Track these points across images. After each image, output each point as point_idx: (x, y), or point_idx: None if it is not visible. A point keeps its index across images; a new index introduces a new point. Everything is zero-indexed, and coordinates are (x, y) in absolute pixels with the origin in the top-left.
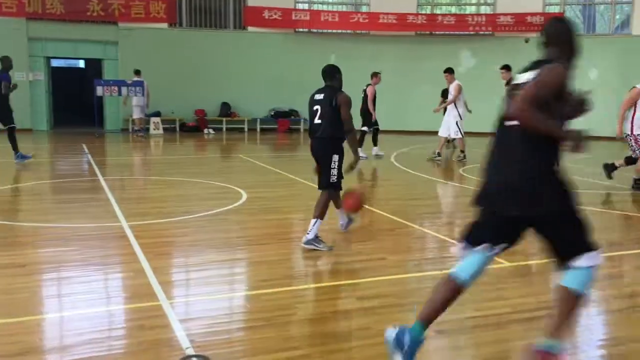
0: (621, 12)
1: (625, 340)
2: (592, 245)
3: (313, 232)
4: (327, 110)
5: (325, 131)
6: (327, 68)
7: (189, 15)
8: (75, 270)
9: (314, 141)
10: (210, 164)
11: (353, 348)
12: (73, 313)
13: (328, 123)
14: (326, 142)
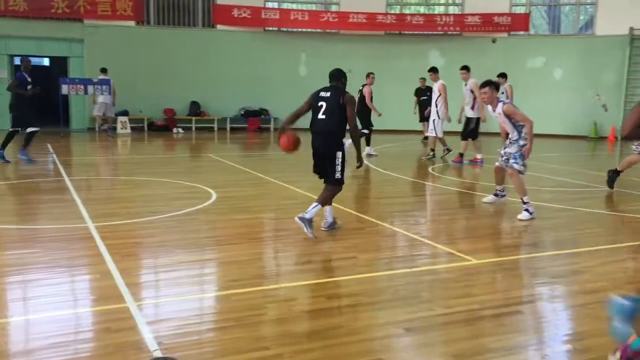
0: (585, 13)
1: (589, 335)
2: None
3: (311, 214)
4: (334, 108)
5: (330, 127)
6: (334, 71)
7: (157, 13)
8: (40, 272)
9: (318, 136)
10: (179, 164)
11: (324, 347)
12: (38, 316)
13: (334, 120)
14: (330, 139)
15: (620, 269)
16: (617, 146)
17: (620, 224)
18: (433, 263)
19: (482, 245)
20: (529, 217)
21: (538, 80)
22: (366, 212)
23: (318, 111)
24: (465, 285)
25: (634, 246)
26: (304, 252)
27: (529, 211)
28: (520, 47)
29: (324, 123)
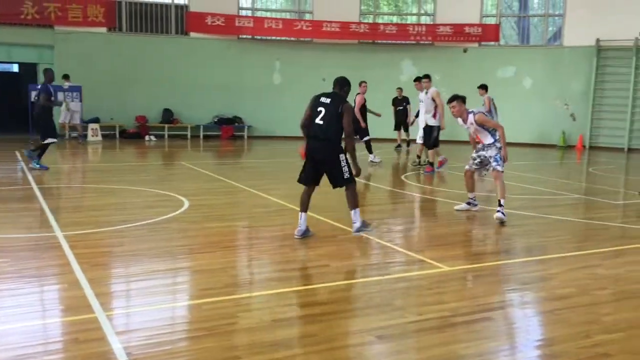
0: (553, 24)
1: (558, 341)
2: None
3: (359, 220)
4: (333, 115)
5: (327, 133)
6: (339, 78)
7: (129, 20)
8: (6, 282)
9: (315, 141)
10: (151, 172)
11: (296, 356)
12: (4, 327)
13: (332, 127)
14: (330, 146)
15: (588, 275)
16: (585, 154)
17: (588, 231)
18: (405, 270)
19: (453, 252)
20: (502, 218)
21: (508, 89)
22: (340, 220)
23: (316, 116)
24: (437, 293)
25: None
26: (277, 260)
27: (504, 214)
28: (490, 57)
29: (321, 129)
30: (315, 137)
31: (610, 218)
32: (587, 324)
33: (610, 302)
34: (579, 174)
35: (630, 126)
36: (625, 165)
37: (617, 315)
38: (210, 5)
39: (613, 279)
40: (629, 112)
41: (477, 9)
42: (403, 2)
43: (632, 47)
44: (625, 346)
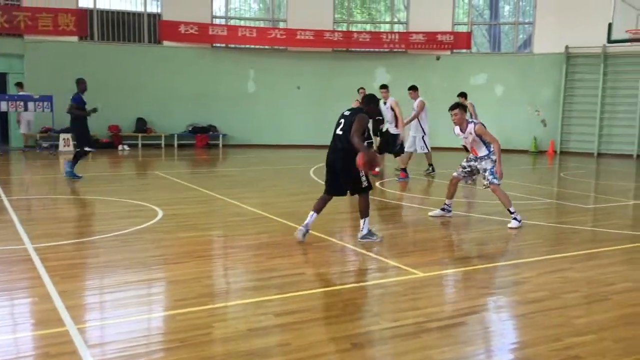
0: (524, 31)
1: (530, 344)
2: None
3: (366, 228)
4: (349, 125)
5: (344, 143)
6: (368, 95)
7: (101, 29)
8: None
9: (333, 153)
10: (125, 182)
11: None
12: None
13: (347, 137)
14: (345, 155)
15: (560, 279)
16: (556, 159)
17: (560, 235)
18: (380, 277)
19: (428, 258)
20: (517, 225)
21: (480, 96)
22: (315, 228)
23: (337, 128)
24: (412, 299)
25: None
26: (252, 270)
27: (517, 219)
28: (463, 64)
29: (340, 139)
30: (334, 148)
31: (581, 222)
32: (559, 327)
33: (581, 305)
34: (551, 178)
35: (599, 131)
36: (595, 170)
37: (588, 318)
38: (183, 13)
39: (584, 282)
40: (597, 118)
41: (449, 17)
42: (376, 11)
43: (600, 54)
44: (595, 348)
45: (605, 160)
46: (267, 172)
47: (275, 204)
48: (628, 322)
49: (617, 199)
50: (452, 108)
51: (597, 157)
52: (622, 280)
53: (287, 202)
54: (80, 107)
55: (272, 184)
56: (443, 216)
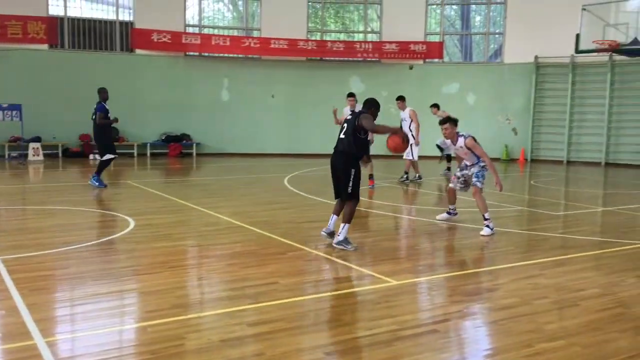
0: (494, 41)
1: (501, 350)
2: None
3: (343, 235)
4: (351, 128)
5: (346, 146)
6: (369, 98)
7: (72, 37)
8: None
9: (335, 155)
10: (96, 191)
11: None
12: None
13: (349, 139)
14: (345, 157)
15: (530, 285)
16: (527, 167)
17: (530, 242)
18: (354, 286)
19: (402, 266)
20: (489, 233)
21: (453, 105)
22: (289, 237)
23: (341, 131)
24: (385, 307)
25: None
26: (225, 280)
27: (490, 227)
28: (435, 73)
29: (342, 142)
30: (335, 151)
31: (551, 229)
32: (530, 333)
33: (551, 311)
34: (522, 186)
35: (569, 139)
36: (564, 178)
37: (558, 324)
38: (156, 22)
39: (554, 288)
40: (566, 126)
41: (422, 27)
42: (350, 20)
43: (569, 64)
44: (565, 354)
45: (575, 168)
46: (241, 181)
47: (250, 213)
48: (596, 327)
49: (586, 206)
50: (443, 122)
51: (566, 165)
52: (590, 286)
53: (261, 211)
54: (104, 116)
55: (246, 193)
56: (449, 219)
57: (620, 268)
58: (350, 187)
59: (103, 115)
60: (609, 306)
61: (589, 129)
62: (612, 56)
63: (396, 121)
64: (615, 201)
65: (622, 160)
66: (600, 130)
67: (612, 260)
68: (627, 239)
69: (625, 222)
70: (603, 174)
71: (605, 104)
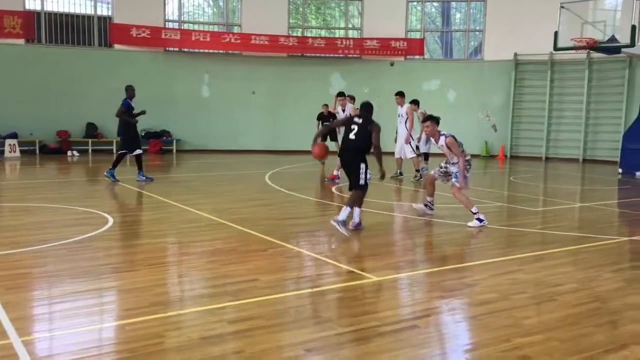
0: (475, 39)
1: (480, 345)
2: None
3: (343, 216)
4: (363, 132)
5: (358, 145)
6: (366, 104)
7: (49, 32)
8: None
9: (347, 154)
10: (74, 188)
11: None
12: None
13: (361, 141)
14: (357, 155)
15: (509, 281)
16: (507, 164)
17: (510, 238)
18: (335, 282)
19: (382, 262)
20: (479, 225)
21: (433, 101)
22: (270, 234)
23: (350, 132)
24: (366, 303)
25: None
26: (205, 277)
27: (480, 219)
28: (416, 70)
29: (353, 143)
30: (349, 150)
31: (530, 224)
32: (508, 328)
33: (529, 305)
34: (501, 182)
35: (547, 136)
36: (543, 174)
37: (536, 318)
38: (135, 17)
39: (532, 283)
40: (545, 123)
41: (403, 23)
42: (331, 17)
43: (547, 61)
44: (543, 348)
45: (553, 164)
46: (221, 177)
47: (230, 210)
48: (573, 321)
49: (565, 202)
50: (424, 120)
51: (545, 161)
52: (568, 281)
53: (242, 208)
54: (129, 112)
55: (227, 190)
56: (426, 213)
57: (597, 263)
58: (362, 179)
59: (124, 110)
60: (585, 301)
61: (567, 126)
62: (589, 54)
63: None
64: (593, 197)
65: (600, 156)
66: (578, 127)
67: (589, 255)
68: (604, 234)
69: (602, 218)
70: (581, 170)
71: (583, 101)
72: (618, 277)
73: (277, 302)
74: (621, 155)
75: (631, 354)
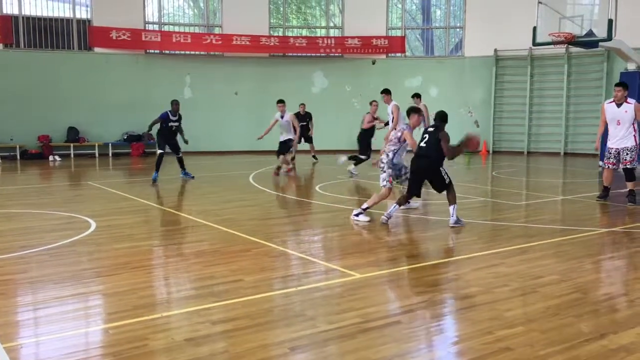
0: (455, 35)
1: (463, 339)
2: None
3: (455, 215)
4: (433, 139)
5: (430, 153)
6: (440, 113)
7: (28, 36)
8: None
9: (420, 160)
10: (56, 193)
11: None
12: None
13: (433, 149)
14: (432, 161)
15: (491, 274)
16: (489, 159)
17: (492, 232)
18: (318, 280)
19: (365, 259)
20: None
21: None
22: (254, 234)
23: (422, 141)
24: (349, 300)
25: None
26: (189, 278)
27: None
28: (398, 67)
29: (425, 150)
30: (420, 156)
31: (513, 218)
32: (490, 321)
33: (511, 298)
34: (484, 177)
35: (529, 130)
36: (525, 168)
37: (517, 311)
38: (114, 19)
39: (514, 276)
40: (526, 118)
41: (383, 21)
42: (312, 16)
43: (527, 56)
44: (524, 339)
45: (535, 158)
46: (205, 179)
47: (214, 211)
48: (554, 312)
49: (547, 195)
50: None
51: (527, 156)
52: (549, 273)
53: (226, 208)
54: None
55: (211, 191)
56: (409, 207)
57: (578, 254)
58: (446, 179)
59: (157, 120)
60: (567, 292)
61: (548, 120)
62: (568, 48)
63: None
64: (574, 190)
65: (580, 149)
66: (559, 121)
67: (570, 247)
68: (584, 226)
69: (584, 210)
70: (562, 163)
71: (563, 95)
72: (598, 268)
73: (262, 302)
74: (601, 148)
75: (610, 342)
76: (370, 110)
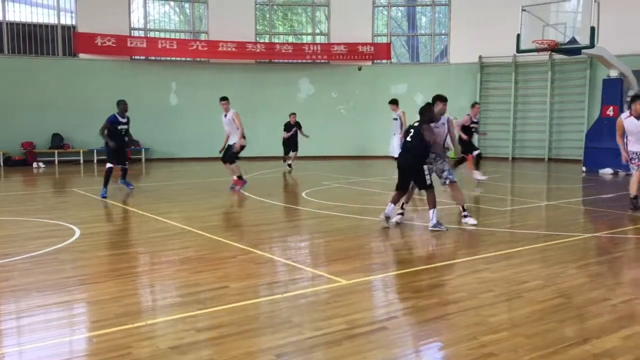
0: (440, 42)
1: (449, 344)
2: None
3: (435, 219)
4: (416, 134)
5: (415, 147)
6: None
7: (11, 42)
8: None
9: (407, 155)
10: (39, 200)
11: None
12: None
13: (415, 143)
14: (415, 157)
15: (476, 280)
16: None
17: (478, 237)
18: (304, 287)
19: (351, 266)
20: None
21: (401, 105)
22: (240, 241)
23: (407, 135)
24: (335, 307)
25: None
26: (175, 286)
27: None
28: (383, 74)
29: (409, 144)
30: (405, 152)
31: (498, 224)
32: (475, 326)
33: (495, 303)
34: (470, 183)
35: (513, 137)
36: (510, 174)
37: (501, 316)
38: (99, 25)
39: (498, 281)
40: (511, 124)
41: (369, 28)
42: (298, 22)
43: (511, 63)
44: (508, 345)
45: (519, 164)
46: (191, 185)
47: (200, 217)
48: (538, 318)
49: (531, 201)
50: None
51: (512, 162)
52: (533, 278)
53: (211, 215)
54: (109, 126)
55: (197, 198)
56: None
57: (562, 260)
58: (428, 180)
59: (106, 125)
60: (550, 297)
61: (532, 126)
62: (552, 55)
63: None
64: (558, 195)
65: (564, 155)
66: (543, 127)
67: (554, 252)
68: (568, 232)
69: (567, 216)
70: (546, 169)
71: (547, 102)
72: (582, 273)
73: (247, 309)
74: (585, 154)
75: (593, 347)
76: (471, 112)
